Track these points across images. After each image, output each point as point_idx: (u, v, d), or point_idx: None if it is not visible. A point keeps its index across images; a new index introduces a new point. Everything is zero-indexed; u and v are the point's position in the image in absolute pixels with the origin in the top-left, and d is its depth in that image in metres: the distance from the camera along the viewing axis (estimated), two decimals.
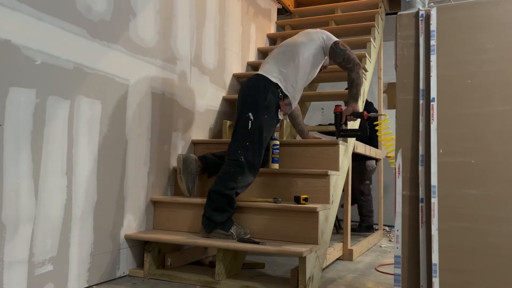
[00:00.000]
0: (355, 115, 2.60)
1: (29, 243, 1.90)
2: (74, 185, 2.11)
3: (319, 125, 4.68)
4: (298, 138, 3.58)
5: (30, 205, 1.90)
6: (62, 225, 2.05)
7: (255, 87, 2.49)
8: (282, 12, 4.72)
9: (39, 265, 1.94)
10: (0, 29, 1.79)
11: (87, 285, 2.19)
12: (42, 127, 1.96)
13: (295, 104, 2.65)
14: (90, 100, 2.21)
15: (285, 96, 2.54)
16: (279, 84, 2.49)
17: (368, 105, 4.19)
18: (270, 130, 2.50)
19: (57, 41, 2.03)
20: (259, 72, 2.56)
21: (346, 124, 2.65)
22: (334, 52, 2.61)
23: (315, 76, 2.73)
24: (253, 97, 2.46)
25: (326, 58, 2.70)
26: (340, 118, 2.62)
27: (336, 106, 2.65)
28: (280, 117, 2.54)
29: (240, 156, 2.36)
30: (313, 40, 2.62)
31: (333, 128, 2.75)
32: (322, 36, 2.63)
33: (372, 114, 2.65)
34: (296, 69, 2.55)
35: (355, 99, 2.62)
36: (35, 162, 1.92)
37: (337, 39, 2.65)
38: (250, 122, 2.39)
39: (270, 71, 2.53)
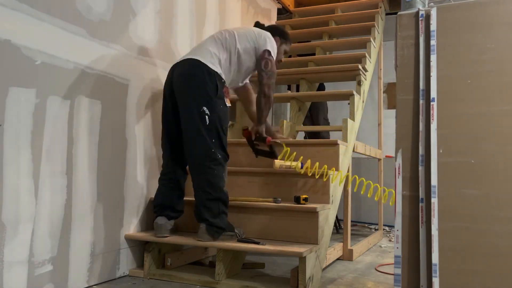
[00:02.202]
0: (259, 139, 2.55)
1: (29, 243, 1.89)
2: (74, 185, 2.11)
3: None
4: (298, 138, 3.59)
5: (30, 205, 1.90)
6: (62, 225, 2.05)
7: (199, 75, 2.28)
8: (282, 12, 4.72)
9: (39, 265, 1.94)
10: (0, 29, 1.79)
11: (87, 285, 2.19)
12: (42, 127, 1.96)
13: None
14: (90, 100, 2.21)
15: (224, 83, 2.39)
16: (218, 71, 2.32)
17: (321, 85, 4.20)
18: (227, 119, 2.37)
19: (57, 41, 2.02)
20: (195, 57, 2.34)
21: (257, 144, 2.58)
22: (257, 62, 2.48)
23: (250, 69, 2.55)
24: (202, 89, 2.26)
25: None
26: (250, 139, 2.60)
27: (243, 130, 2.63)
28: (228, 104, 2.38)
29: (216, 154, 2.26)
30: (248, 39, 2.47)
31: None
32: (257, 39, 2.48)
33: (275, 140, 2.61)
34: (230, 60, 2.41)
35: (259, 122, 2.50)
36: (35, 162, 1.92)
37: (271, 57, 2.46)
38: (207, 117, 2.24)
39: (207, 56, 2.34)
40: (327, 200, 2.52)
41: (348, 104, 3.21)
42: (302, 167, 2.61)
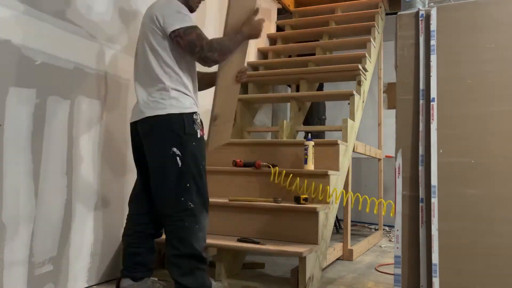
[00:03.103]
0: (248, 165, 2.72)
1: (29, 243, 1.89)
2: (74, 185, 2.11)
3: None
4: (298, 138, 3.59)
5: (30, 205, 1.90)
6: (62, 225, 2.05)
7: (161, 121, 1.87)
8: (282, 12, 4.72)
9: (39, 265, 1.94)
10: (0, 29, 1.79)
11: (87, 285, 2.19)
12: (42, 127, 1.96)
13: (198, 99, 2.04)
14: (90, 100, 2.21)
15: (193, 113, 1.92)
16: (180, 112, 1.88)
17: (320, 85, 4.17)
18: (204, 155, 1.95)
19: (57, 41, 2.02)
20: (143, 109, 1.91)
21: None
22: (176, 43, 1.90)
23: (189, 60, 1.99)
24: (167, 131, 1.87)
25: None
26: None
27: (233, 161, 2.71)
28: (203, 135, 1.97)
29: (187, 203, 1.85)
30: (147, 36, 1.93)
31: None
32: (152, 27, 1.90)
33: (263, 164, 2.69)
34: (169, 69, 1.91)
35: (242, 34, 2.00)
36: (35, 162, 1.92)
37: (179, 30, 1.86)
38: (178, 158, 1.85)
39: (158, 99, 1.89)
40: (327, 200, 2.52)
41: (348, 104, 3.21)
42: (306, 163, 2.63)
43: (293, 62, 3.89)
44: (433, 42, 1.67)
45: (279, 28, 4.61)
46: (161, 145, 1.88)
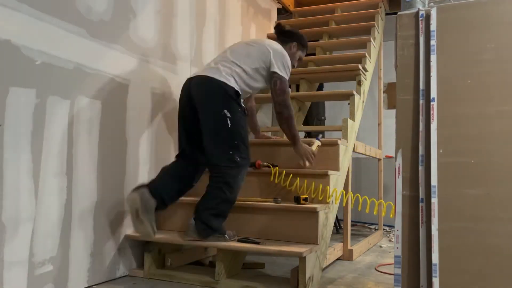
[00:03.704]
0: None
1: (29, 243, 1.89)
2: (74, 185, 2.11)
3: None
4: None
5: (30, 205, 1.90)
6: (62, 225, 2.05)
7: (220, 85, 2.30)
8: (282, 12, 4.72)
9: (39, 265, 1.94)
10: (0, 29, 1.79)
11: (87, 285, 2.19)
12: (42, 127, 1.96)
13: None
14: (90, 100, 2.21)
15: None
16: (234, 86, 2.32)
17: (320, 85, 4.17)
18: (245, 127, 2.37)
19: (57, 41, 2.02)
20: (209, 75, 2.34)
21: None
22: (269, 81, 2.46)
23: (259, 87, 2.52)
24: (223, 94, 2.28)
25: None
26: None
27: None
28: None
29: (234, 156, 2.25)
30: (261, 57, 2.44)
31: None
32: (271, 52, 2.44)
33: (263, 164, 2.69)
34: (244, 77, 2.38)
35: (294, 144, 2.56)
36: (35, 162, 1.92)
37: (280, 76, 2.42)
38: (228, 119, 2.24)
39: (224, 74, 2.34)
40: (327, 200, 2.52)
41: (348, 104, 3.21)
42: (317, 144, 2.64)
43: None
44: (433, 42, 1.67)
45: None
46: (215, 106, 2.28)
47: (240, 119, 2.30)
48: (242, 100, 2.37)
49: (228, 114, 2.24)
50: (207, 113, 2.30)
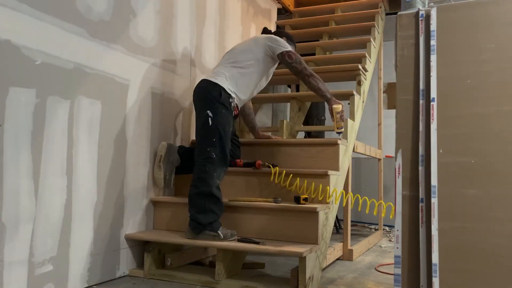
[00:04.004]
0: (247, 165, 2.71)
1: (29, 243, 1.89)
2: (74, 185, 2.11)
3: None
4: (298, 137, 3.59)
5: (30, 205, 1.90)
6: (62, 225, 2.05)
7: (207, 88, 2.50)
8: (282, 12, 4.72)
9: (39, 265, 1.94)
10: (0, 29, 1.79)
11: (87, 285, 2.19)
12: (42, 127, 1.96)
13: (240, 104, 2.66)
14: (90, 100, 2.21)
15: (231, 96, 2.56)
16: (223, 86, 2.50)
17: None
18: (230, 124, 2.52)
19: (57, 41, 2.02)
20: (206, 78, 2.58)
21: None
22: (282, 62, 2.67)
23: (269, 78, 2.80)
24: (207, 96, 2.48)
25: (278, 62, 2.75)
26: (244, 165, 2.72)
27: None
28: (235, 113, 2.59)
29: (211, 153, 2.40)
30: (258, 48, 2.64)
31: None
32: (267, 44, 2.64)
33: (263, 163, 2.68)
34: (238, 74, 2.58)
35: (328, 99, 2.65)
36: (35, 162, 1.92)
37: (284, 49, 2.64)
38: (210, 119, 2.43)
39: (216, 76, 2.56)
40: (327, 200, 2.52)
41: (348, 104, 3.21)
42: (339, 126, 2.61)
43: None
44: (433, 42, 1.67)
45: (279, 28, 4.61)
46: (201, 107, 2.49)
47: (222, 119, 2.44)
48: (231, 101, 2.51)
49: (210, 114, 2.43)
50: (196, 114, 2.55)
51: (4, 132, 1.80)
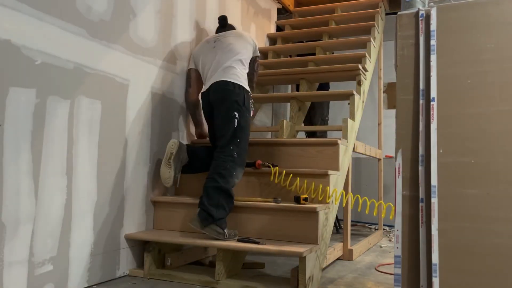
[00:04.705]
0: (248, 165, 2.68)
1: (29, 243, 1.89)
2: (74, 185, 2.11)
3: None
4: (298, 137, 3.59)
5: (30, 205, 1.90)
6: (62, 225, 2.05)
7: (234, 91, 2.59)
8: (282, 12, 4.72)
9: (39, 265, 1.94)
10: (0, 29, 1.79)
11: (87, 285, 2.19)
12: (42, 127, 1.96)
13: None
14: (90, 100, 2.21)
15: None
16: (247, 88, 2.66)
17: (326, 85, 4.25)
18: (249, 126, 2.64)
19: (57, 41, 2.02)
20: (226, 79, 2.63)
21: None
22: (252, 65, 2.87)
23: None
24: (236, 100, 2.56)
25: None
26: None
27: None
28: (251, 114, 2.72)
29: (233, 152, 2.46)
30: (251, 46, 2.86)
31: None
32: (254, 44, 2.89)
33: (263, 163, 2.70)
34: (244, 72, 2.74)
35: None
36: (35, 162, 1.92)
37: (258, 54, 2.95)
38: (236, 120, 2.51)
39: (236, 76, 2.65)
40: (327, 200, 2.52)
41: (348, 104, 3.21)
42: None
43: (293, 62, 3.89)
44: (433, 42, 1.67)
45: (279, 28, 4.61)
46: (228, 109, 2.57)
47: (246, 123, 2.57)
48: (251, 103, 2.67)
49: (237, 116, 2.53)
50: (220, 115, 2.61)
51: (4, 132, 1.80)
